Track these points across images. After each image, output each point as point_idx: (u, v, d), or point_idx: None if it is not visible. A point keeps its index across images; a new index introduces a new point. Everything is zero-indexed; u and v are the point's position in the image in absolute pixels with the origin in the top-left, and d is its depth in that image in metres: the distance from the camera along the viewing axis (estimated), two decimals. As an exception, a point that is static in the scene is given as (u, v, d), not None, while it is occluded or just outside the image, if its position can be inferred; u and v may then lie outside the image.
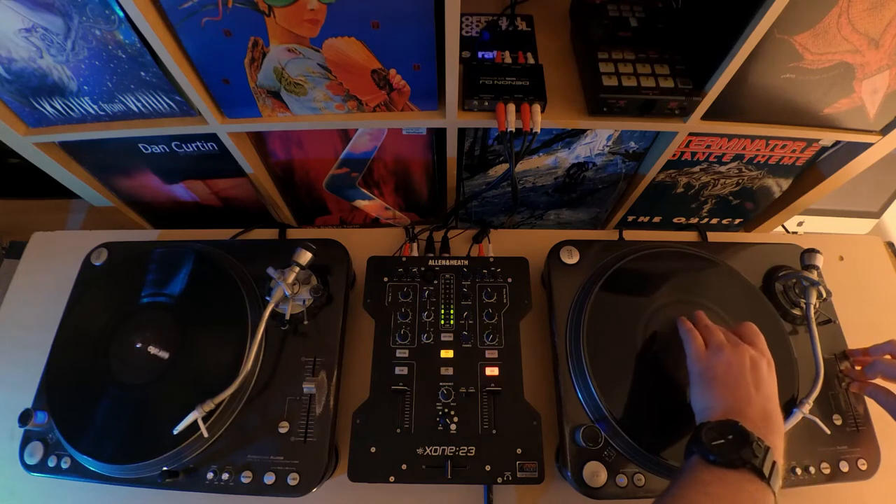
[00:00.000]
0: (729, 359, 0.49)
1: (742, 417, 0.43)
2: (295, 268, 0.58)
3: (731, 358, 0.49)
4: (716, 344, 0.51)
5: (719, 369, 0.48)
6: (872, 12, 0.49)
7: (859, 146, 0.66)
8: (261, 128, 0.64)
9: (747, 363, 0.48)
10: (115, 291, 0.63)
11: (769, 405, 0.46)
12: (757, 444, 0.41)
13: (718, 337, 0.52)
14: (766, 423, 0.44)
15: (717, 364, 0.49)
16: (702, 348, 0.51)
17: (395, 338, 0.59)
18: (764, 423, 0.44)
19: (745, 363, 0.48)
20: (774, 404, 0.47)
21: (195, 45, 0.53)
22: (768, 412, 0.45)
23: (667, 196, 0.82)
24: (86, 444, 0.54)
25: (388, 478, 0.52)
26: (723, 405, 0.46)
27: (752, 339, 0.52)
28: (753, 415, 0.44)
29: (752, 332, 0.52)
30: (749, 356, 0.49)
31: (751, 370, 0.48)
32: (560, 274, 0.63)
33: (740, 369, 0.48)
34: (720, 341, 0.51)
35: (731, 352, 0.49)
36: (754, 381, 0.47)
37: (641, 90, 0.59)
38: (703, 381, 0.49)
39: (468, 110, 0.61)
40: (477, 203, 0.83)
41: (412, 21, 0.51)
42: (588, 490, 0.52)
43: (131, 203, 0.84)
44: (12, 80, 0.57)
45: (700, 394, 0.49)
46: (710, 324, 0.54)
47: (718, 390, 0.47)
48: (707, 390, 0.48)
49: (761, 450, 0.41)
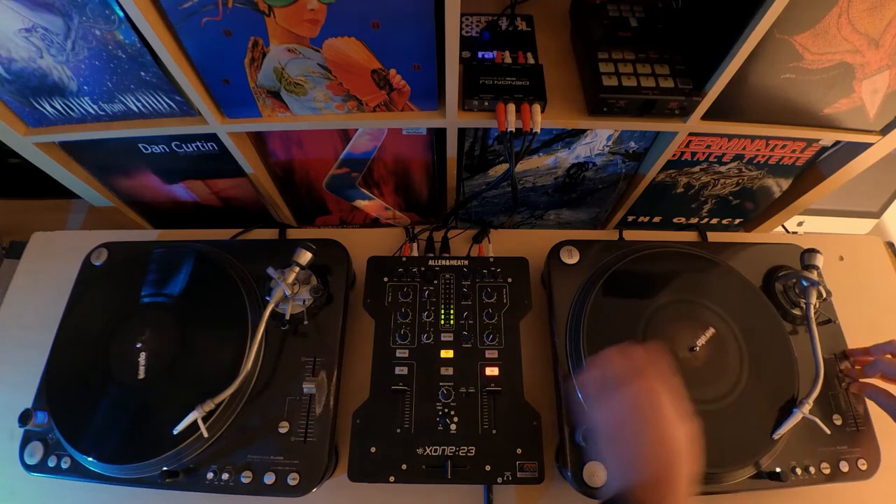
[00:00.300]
0: (608, 413, 0.43)
1: (630, 491, 0.38)
2: (295, 268, 0.58)
3: (610, 411, 0.43)
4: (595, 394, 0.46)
5: (604, 431, 0.43)
6: (872, 12, 0.49)
7: (859, 146, 0.66)
8: (261, 128, 0.64)
9: (628, 409, 0.42)
10: (115, 291, 0.63)
11: (657, 462, 0.39)
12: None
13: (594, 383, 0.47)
14: (656, 486, 0.38)
15: (600, 425, 0.44)
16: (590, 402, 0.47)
17: (395, 338, 0.59)
18: (655, 488, 0.38)
19: (623, 412, 0.42)
20: (671, 453, 0.39)
21: (195, 45, 0.53)
22: (658, 472, 0.39)
23: (667, 196, 0.82)
24: (86, 444, 0.54)
25: (388, 478, 0.52)
26: (616, 476, 0.42)
27: (641, 364, 0.45)
28: (643, 480, 0.39)
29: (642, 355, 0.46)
30: (630, 396, 0.42)
31: (634, 416, 0.41)
32: (560, 274, 0.63)
33: (620, 422, 0.42)
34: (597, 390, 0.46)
35: (607, 403, 0.44)
36: (638, 431, 0.41)
37: (641, 90, 0.59)
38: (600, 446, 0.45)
39: (468, 110, 0.61)
40: (477, 203, 0.83)
41: (412, 21, 0.51)
42: (588, 490, 0.52)
43: (131, 203, 0.84)
44: (12, 80, 0.57)
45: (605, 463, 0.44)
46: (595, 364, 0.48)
47: (609, 458, 0.43)
48: (604, 459, 0.44)
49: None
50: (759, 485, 0.53)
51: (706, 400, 0.54)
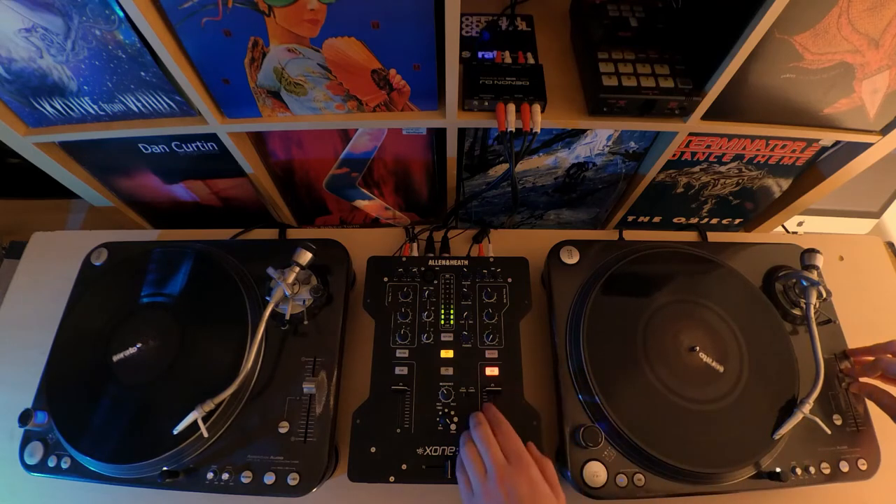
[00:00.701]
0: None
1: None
2: (295, 268, 0.58)
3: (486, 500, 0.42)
4: (474, 484, 0.44)
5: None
6: (872, 12, 0.49)
7: (859, 146, 0.66)
8: (261, 128, 0.64)
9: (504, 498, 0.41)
10: (115, 291, 0.63)
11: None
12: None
13: (477, 473, 0.44)
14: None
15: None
16: (466, 489, 0.45)
17: (395, 338, 0.59)
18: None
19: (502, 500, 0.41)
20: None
21: (195, 45, 0.53)
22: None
23: (667, 196, 0.82)
24: (86, 444, 0.54)
25: (388, 478, 0.52)
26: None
27: (507, 447, 0.45)
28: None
29: (506, 435, 0.46)
30: (503, 486, 0.42)
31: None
32: (560, 274, 0.63)
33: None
34: (477, 479, 0.44)
35: (485, 494, 0.42)
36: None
37: (641, 90, 0.59)
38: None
39: (468, 110, 0.61)
40: (477, 203, 0.83)
41: (412, 21, 0.51)
42: (588, 490, 0.52)
43: (131, 203, 0.84)
44: (12, 80, 0.57)
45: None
46: (471, 452, 0.47)
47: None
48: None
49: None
50: (759, 485, 0.53)
51: (706, 400, 0.54)
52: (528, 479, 0.42)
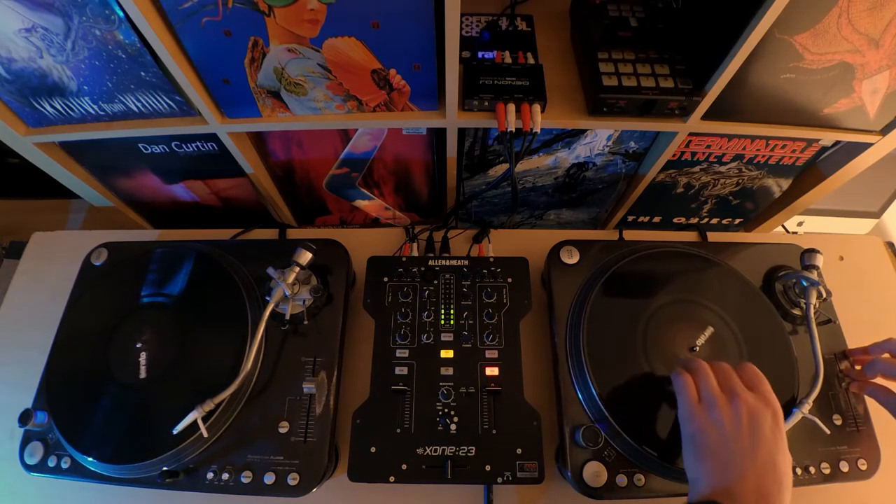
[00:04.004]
0: (722, 418, 0.43)
1: (730, 496, 0.39)
2: (295, 268, 0.58)
3: (725, 416, 0.43)
4: (708, 397, 0.45)
5: (710, 433, 0.43)
6: (872, 12, 0.49)
7: (859, 146, 0.66)
8: (261, 128, 0.64)
9: (745, 420, 0.43)
10: (115, 291, 0.63)
11: (765, 478, 0.40)
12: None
13: (712, 386, 0.46)
14: (757, 501, 0.39)
15: (708, 426, 0.43)
16: (693, 403, 0.46)
17: (395, 338, 0.59)
18: (758, 501, 0.39)
19: (741, 421, 0.43)
20: (775, 473, 0.41)
21: (195, 45, 0.53)
22: (763, 488, 0.40)
23: (667, 196, 0.82)
24: (86, 444, 0.54)
25: (388, 478, 0.52)
26: (711, 480, 0.41)
27: (752, 382, 0.46)
28: (745, 492, 0.39)
29: (753, 374, 0.47)
30: (747, 410, 0.43)
31: (749, 430, 0.42)
32: (560, 274, 0.63)
33: (735, 430, 0.42)
34: (714, 393, 0.45)
35: (725, 408, 0.44)
36: (751, 445, 0.42)
37: (641, 90, 0.59)
38: (692, 445, 0.44)
39: (468, 110, 0.61)
40: (477, 203, 0.83)
41: (412, 21, 0.51)
42: (588, 490, 0.52)
43: (131, 203, 0.84)
44: (12, 80, 0.57)
45: (691, 461, 0.44)
46: (702, 367, 0.48)
47: (708, 460, 0.42)
48: (696, 459, 0.43)
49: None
50: (759, 485, 0.53)
51: (706, 400, 0.54)
52: (772, 413, 0.45)
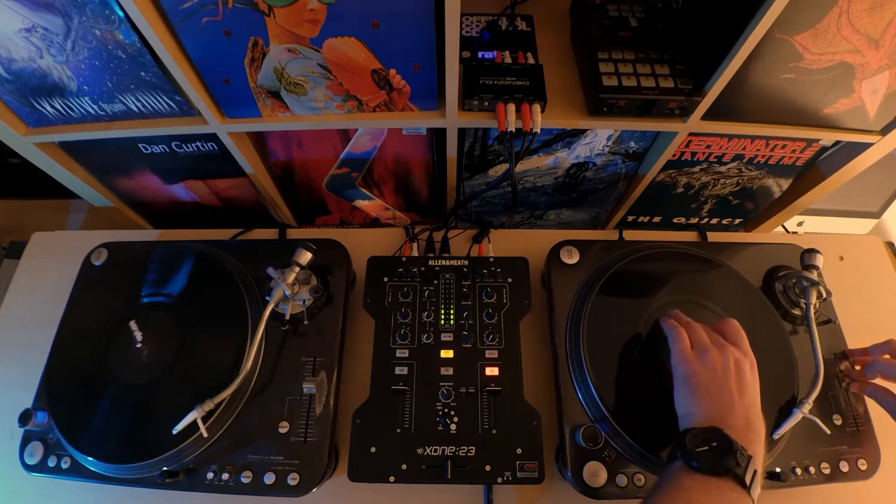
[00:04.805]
0: (714, 362, 0.48)
1: (725, 425, 0.43)
2: (295, 268, 0.58)
3: (716, 361, 0.48)
4: (701, 345, 0.50)
5: (704, 374, 0.48)
6: (872, 12, 0.49)
7: (859, 146, 0.66)
8: (261, 128, 0.64)
9: (732, 367, 0.48)
10: (115, 291, 0.63)
11: (751, 412, 0.46)
12: (740, 452, 0.41)
13: (703, 337, 0.51)
14: (747, 431, 0.44)
15: (701, 369, 0.48)
16: (687, 349, 0.50)
17: (395, 338, 0.59)
18: (745, 431, 0.44)
19: (729, 367, 0.48)
20: (756, 411, 0.47)
21: (195, 45, 0.53)
22: (750, 420, 0.45)
23: (667, 196, 0.82)
24: (86, 444, 0.54)
25: (388, 478, 0.52)
26: (706, 412, 0.46)
27: (735, 338, 0.51)
28: (736, 422, 0.44)
29: (735, 330, 0.52)
30: (733, 359, 0.49)
31: (735, 374, 0.48)
32: (560, 274, 0.63)
33: (724, 374, 0.47)
34: (705, 343, 0.50)
35: (716, 354, 0.49)
36: (738, 386, 0.47)
37: (641, 90, 0.59)
38: (687, 385, 0.48)
39: (468, 110, 0.61)
40: (477, 203, 0.83)
41: (412, 21, 0.51)
42: (588, 490, 0.52)
43: (131, 203, 0.84)
44: (12, 80, 0.57)
45: (684, 398, 0.48)
46: (691, 322, 0.54)
47: (702, 396, 0.47)
48: (691, 395, 0.47)
49: (744, 458, 0.41)
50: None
51: (706, 400, 0.54)
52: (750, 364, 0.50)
